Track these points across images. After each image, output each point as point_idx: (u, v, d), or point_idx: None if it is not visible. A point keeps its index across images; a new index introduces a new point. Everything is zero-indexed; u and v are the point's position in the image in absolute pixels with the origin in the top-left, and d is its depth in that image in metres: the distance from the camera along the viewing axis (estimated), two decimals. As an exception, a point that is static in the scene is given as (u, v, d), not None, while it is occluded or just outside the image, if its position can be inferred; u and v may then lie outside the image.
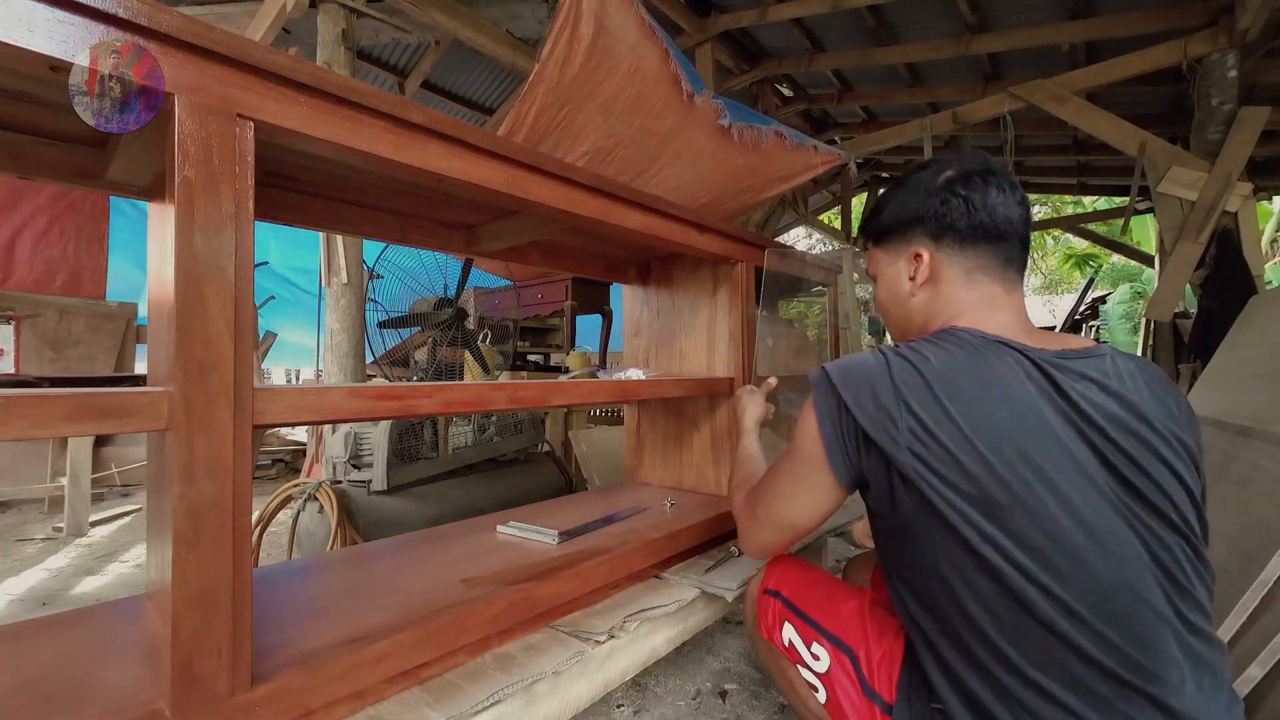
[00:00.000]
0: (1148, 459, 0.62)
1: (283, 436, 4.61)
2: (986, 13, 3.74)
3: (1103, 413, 0.63)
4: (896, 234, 0.83)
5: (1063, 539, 0.59)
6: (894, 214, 0.83)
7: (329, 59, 2.74)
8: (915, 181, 0.82)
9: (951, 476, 0.62)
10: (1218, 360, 1.94)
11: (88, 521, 2.75)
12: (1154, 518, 0.62)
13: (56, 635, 0.78)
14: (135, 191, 0.85)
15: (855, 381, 0.70)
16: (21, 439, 0.52)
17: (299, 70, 0.66)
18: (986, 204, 0.75)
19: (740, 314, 1.52)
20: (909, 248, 0.81)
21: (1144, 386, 0.67)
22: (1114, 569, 0.59)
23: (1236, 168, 3.18)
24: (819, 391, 0.73)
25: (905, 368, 0.68)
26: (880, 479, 0.68)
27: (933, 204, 0.78)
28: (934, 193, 0.78)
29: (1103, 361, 0.68)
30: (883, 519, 0.71)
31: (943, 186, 0.77)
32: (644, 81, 1.79)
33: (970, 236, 0.76)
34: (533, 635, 0.94)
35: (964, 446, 0.62)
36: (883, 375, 0.68)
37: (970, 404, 0.64)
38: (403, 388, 0.82)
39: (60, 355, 3.36)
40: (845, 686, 0.80)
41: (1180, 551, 0.62)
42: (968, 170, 0.77)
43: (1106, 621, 0.58)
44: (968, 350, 0.68)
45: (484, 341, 2.71)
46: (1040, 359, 0.67)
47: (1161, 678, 0.57)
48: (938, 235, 0.78)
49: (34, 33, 0.51)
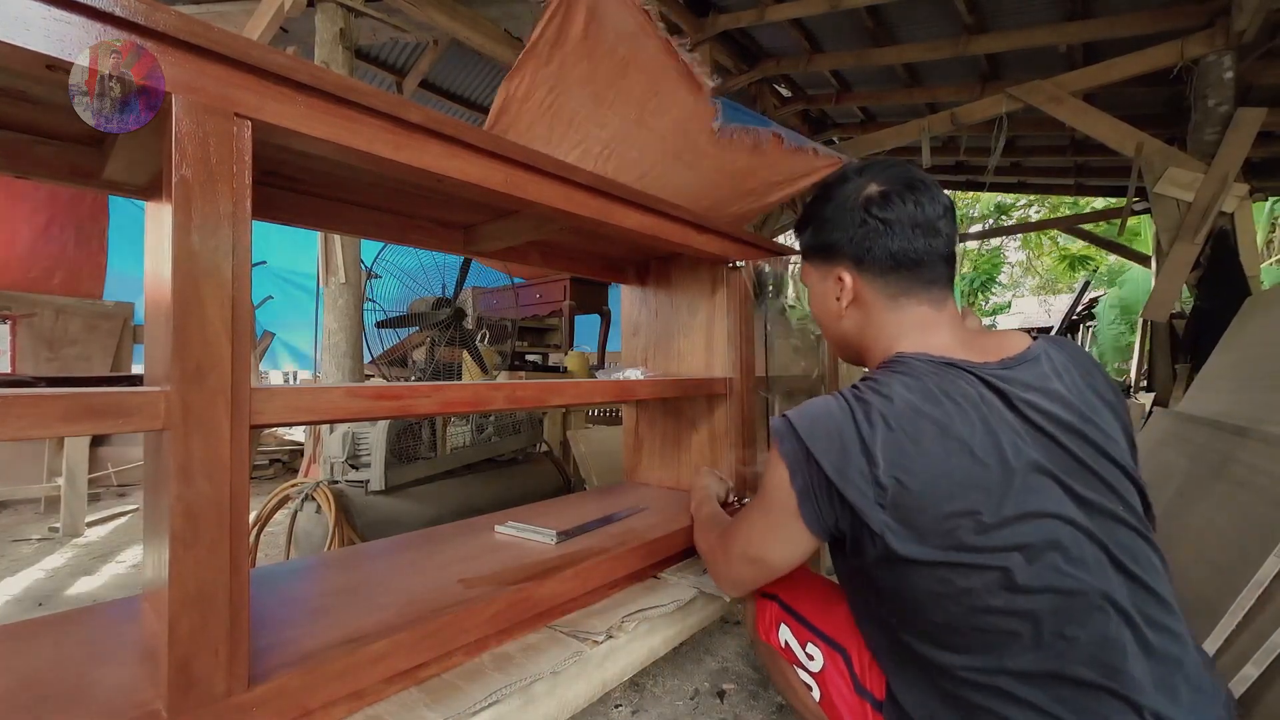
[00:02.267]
0: (1097, 460, 0.65)
1: (280, 436, 4.60)
2: (984, 13, 3.75)
3: (1052, 420, 0.65)
4: (820, 250, 0.83)
5: (1022, 554, 0.61)
6: (817, 233, 0.83)
7: (327, 58, 2.74)
8: (840, 197, 0.80)
9: (920, 524, 0.63)
10: (1213, 361, 1.95)
11: (84, 522, 2.74)
12: (1109, 521, 0.64)
13: (52, 636, 0.78)
14: (132, 191, 0.85)
15: (822, 434, 0.69)
16: (17, 439, 0.52)
17: (297, 69, 0.65)
18: (903, 229, 0.74)
19: (738, 314, 1.52)
20: (833, 269, 0.81)
21: (1079, 379, 0.70)
22: (1074, 581, 0.60)
23: (1233, 169, 3.19)
24: (785, 443, 0.72)
25: (869, 414, 0.67)
26: (848, 529, 0.69)
27: (852, 226, 0.77)
28: (854, 211, 0.77)
29: (1039, 364, 0.70)
30: (845, 560, 0.73)
31: (861, 206, 0.76)
32: (639, 74, 1.78)
33: (889, 264, 0.76)
34: (531, 635, 0.94)
35: (929, 494, 0.63)
36: (849, 426, 0.67)
37: (934, 446, 0.64)
38: (401, 387, 0.82)
39: (57, 355, 3.35)
40: (838, 685, 0.81)
41: (1138, 549, 0.64)
42: (887, 189, 0.76)
43: (1072, 627, 0.60)
44: (922, 381, 0.68)
45: (482, 341, 2.71)
46: (988, 375, 0.68)
47: (1127, 674, 0.58)
48: (858, 259, 0.78)
49: (30, 31, 0.51)
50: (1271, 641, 0.97)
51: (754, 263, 1.52)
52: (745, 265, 1.51)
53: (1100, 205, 9.48)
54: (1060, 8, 3.59)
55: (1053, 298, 15.73)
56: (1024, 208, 13.19)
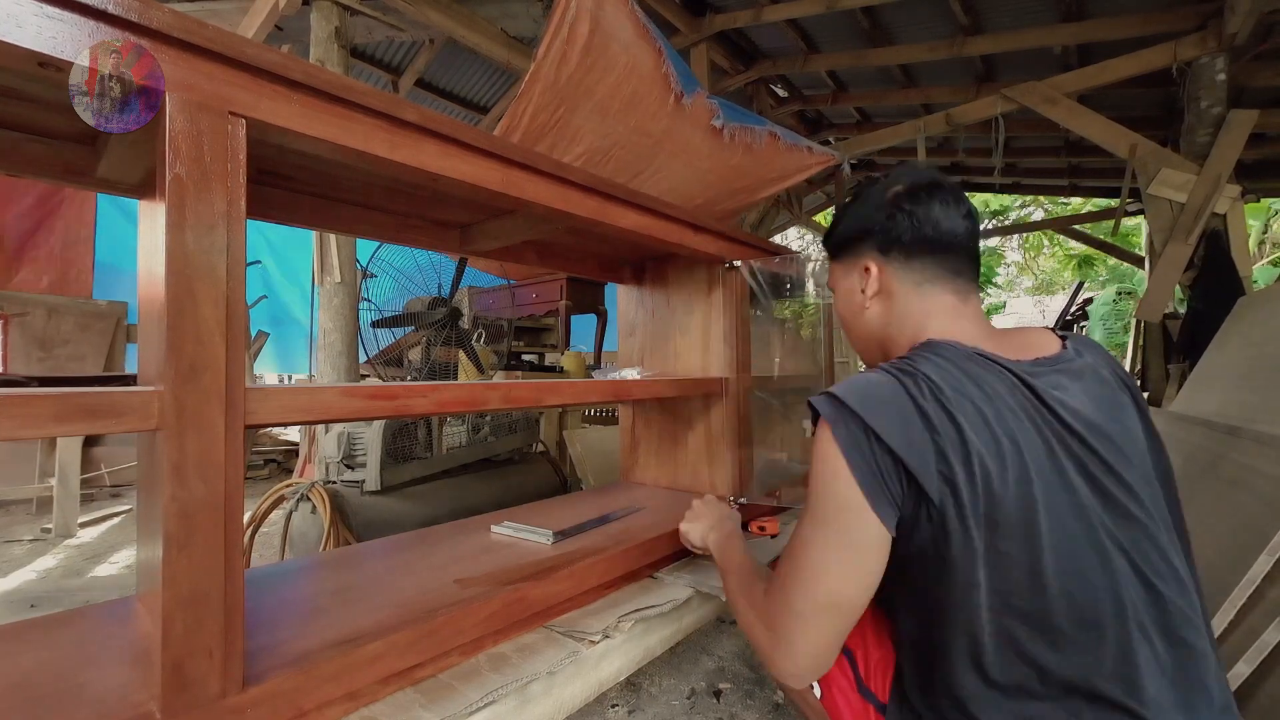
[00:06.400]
0: (1128, 467, 0.64)
1: (275, 436, 4.58)
2: (979, 15, 3.77)
3: (1081, 420, 0.64)
4: (848, 248, 0.84)
5: (1050, 555, 0.60)
6: (846, 228, 0.85)
7: (322, 57, 2.73)
8: (866, 196, 0.83)
9: (965, 498, 0.61)
10: (1206, 361, 1.96)
11: (76, 522, 2.72)
12: (1131, 526, 0.62)
13: (45, 637, 0.78)
14: (125, 189, 0.84)
15: (876, 404, 0.64)
16: (9, 439, 0.51)
17: (292, 68, 0.65)
18: (930, 218, 0.76)
19: (735, 314, 1.52)
20: (859, 261, 0.82)
21: (1110, 379, 0.70)
22: (1091, 586, 0.60)
23: (1225, 170, 3.21)
24: (837, 422, 0.64)
25: (919, 384, 0.65)
26: (908, 510, 0.63)
27: (879, 218, 0.79)
28: (881, 207, 0.79)
29: (1071, 364, 0.70)
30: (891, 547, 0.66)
31: (890, 201, 0.78)
32: (639, 81, 1.79)
33: (915, 249, 0.77)
34: (527, 635, 0.94)
35: (980, 464, 0.61)
36: (900, 394, 0.64)
37: (976, 420, 0.63)
38: (397, 387, 0.82)
39: (49, 354, 3.33)
40: (841, 685, 0.80)
41: (1157, 558, 0.62)
42: (914, 185, 0.78)
43: (1085, 633, 0.59)
44: (956, 365, 0.67)
45: (478, 341, 2.71)
46: (1021, 372, 0.67)
47: (1140, 686, 0.57)
48: (885, 248, 0.79)
49: (22, 28, 0.50)
50: (1263, 640, 0.98)
51: (766, 264, 1.53)
52: (743, 265, 1.51)
53: (1093, 208, 9.54)
54: (1055, 9, 3.61)
55: (1048, 298, 15.80)
56: (1021, 208, 13.27)
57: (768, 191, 2.52)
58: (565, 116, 1.79)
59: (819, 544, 0.65)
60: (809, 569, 0.65)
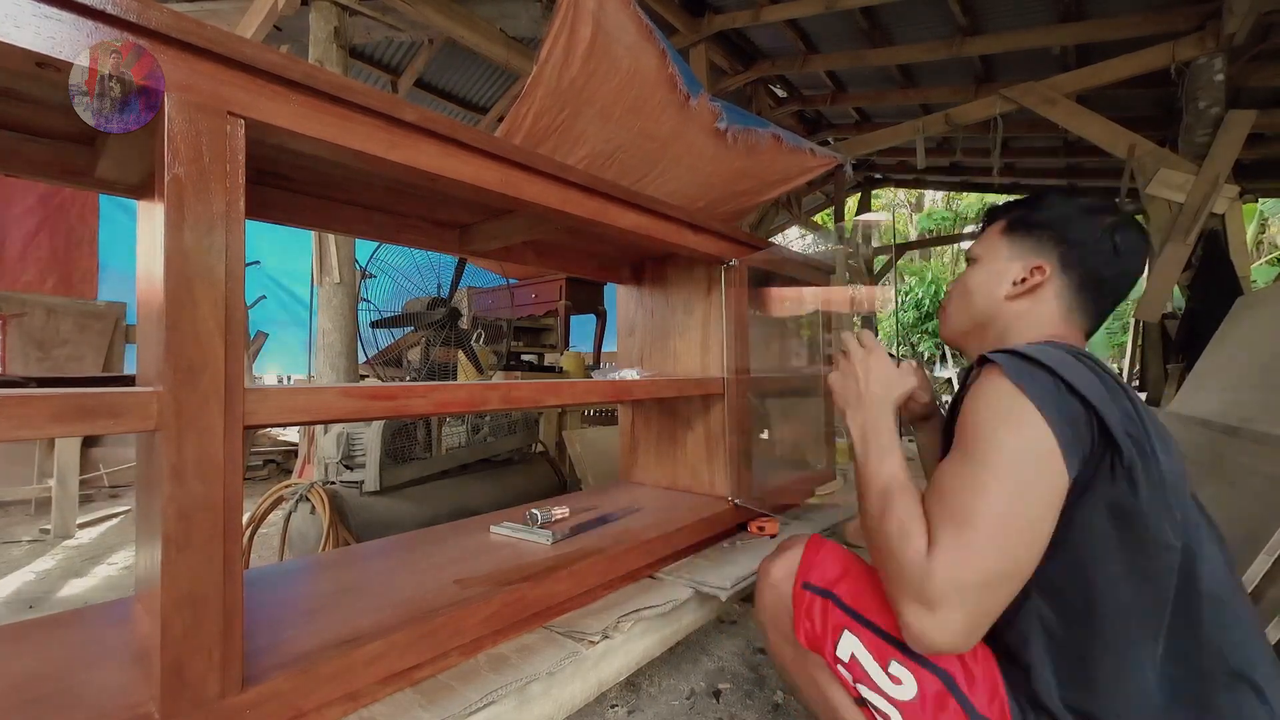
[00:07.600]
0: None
1: (274, 437, 4.57)
2: (978, 15, 3.77)
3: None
4: (1035, 235, 0.80)
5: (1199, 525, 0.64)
6: (1053, 217, 0.80)
7: (321, 57, 2.73)
8: (1088, 207, 0.80)
9: (1151, 455, 0.61)
10: (1204, 360, 1.96)
11: (75, 523, 2.72)
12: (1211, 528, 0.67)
13: (43, 638, 0.77)
14: (124, 190, 0.84)
15: (1059, 360, 0.63)
16: (8, 440, 0.51)
17: (291, 68, 0.65)
18: (1124, 268, 0.77)
19: (734, 314, 1.52)
20: (1035, 256, 0.79)
21: None
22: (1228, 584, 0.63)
23: (1224, 170, 3.22)
24: (1021, 371, 0.62)
25: (1084, 358, 0.66)
26: (1089, 467, 0.60)
27: (1090, 234, 0.77)
28: (1093, 227, 0.78)
29: None
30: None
31: (1110, 226, 0.77)
32: (643, 84, 1.78)
33: (1090, 281, 0.78)
34: (526, 636, 0.94)
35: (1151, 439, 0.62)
36: (1076, 360, 0.64)
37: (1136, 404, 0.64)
38: (396, 388, 0.82)
39: (48, 355, 3.32)
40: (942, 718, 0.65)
41: None
42: (1131, 225, 0.78)
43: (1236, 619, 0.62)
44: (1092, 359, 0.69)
45: (478, 341, 2.71)
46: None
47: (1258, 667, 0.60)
48: (1068, 262, 0.78)
49: (20, 28, 0.50)
50: (1262, 639, 0.98)
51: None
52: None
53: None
54: (1053, 10, 3.61)
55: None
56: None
57: (771, 194, 2.51)
58: (568, 121, 1.78)
59: (994, 498, 0.58)
60: (983, 531, 0.58)
